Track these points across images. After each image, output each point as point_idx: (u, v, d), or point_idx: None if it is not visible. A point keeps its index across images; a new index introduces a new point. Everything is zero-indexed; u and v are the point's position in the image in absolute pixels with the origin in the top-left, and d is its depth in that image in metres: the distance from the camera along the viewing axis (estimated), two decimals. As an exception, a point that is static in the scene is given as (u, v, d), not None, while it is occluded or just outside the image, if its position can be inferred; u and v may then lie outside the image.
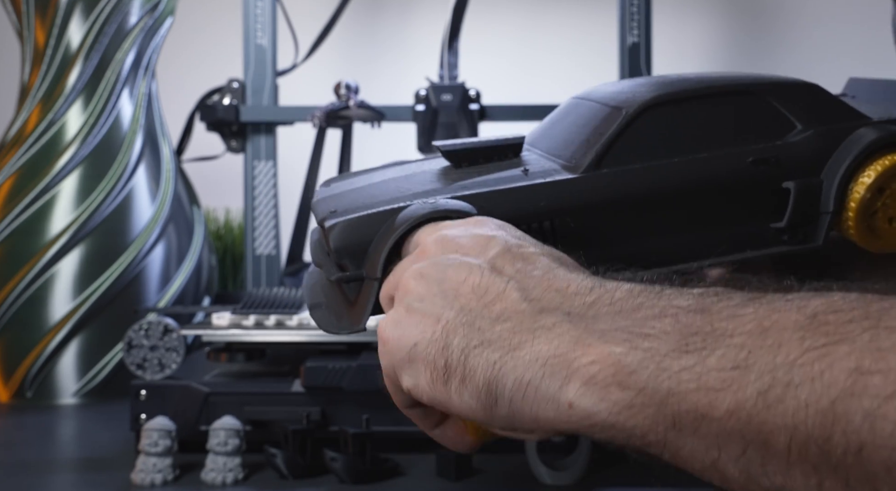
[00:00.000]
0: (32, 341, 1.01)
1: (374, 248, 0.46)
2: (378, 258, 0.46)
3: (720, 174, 0.50)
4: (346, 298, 0.48)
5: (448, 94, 1.21)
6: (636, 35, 1.27)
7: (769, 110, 0.52)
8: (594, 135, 0.51)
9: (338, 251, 0.47)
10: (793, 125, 0.52)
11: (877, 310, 0.33)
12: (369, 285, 0.46)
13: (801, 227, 0.52)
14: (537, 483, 0.70)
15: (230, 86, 1.26)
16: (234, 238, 1.42)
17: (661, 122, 0.51)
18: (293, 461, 0.71)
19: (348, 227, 0.47)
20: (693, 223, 0.51)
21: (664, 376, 0.35)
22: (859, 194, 0.51)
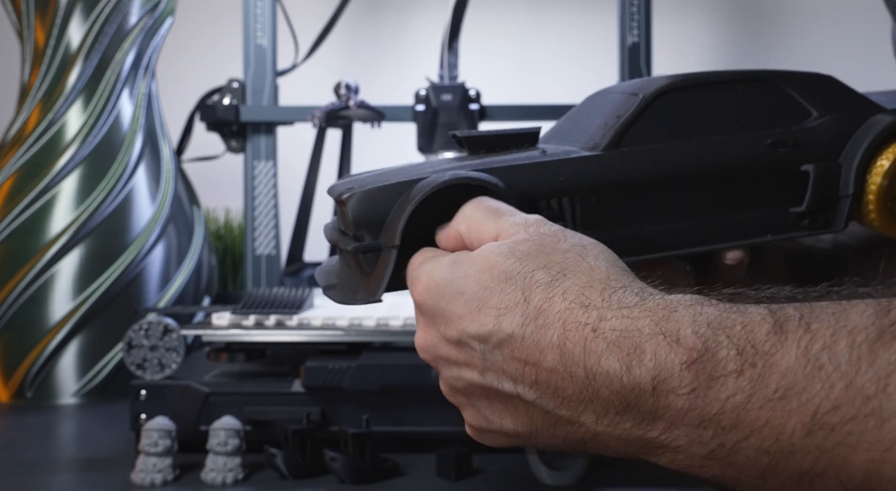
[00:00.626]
0: (32, 341, 1.01)
1: (393, 216, 0.46)
2: (396, 226, 0.46)
3: (739, 156, 0.51)
4: (361, 271, 0.48)
5: (448, 94, 1.21)
6: (636, 35, 1.27)
7: (784, 98, 0.53)
8: (612, 118, 0.51)
9: (356, 221, 0.47)
10: (808, 112, 0.53)
11: None
12: (387, 254, 0.46)
13: (821, 211, 0.52)
14: (537, 483, 0.70)
15: (230, 86, 1.26)
16: (234, 238, 1.42)
17: (678, 106, 0.51)
18: (293, 461, 0.71)
19: (366, 197, 0.47)
20: (712, 205, 0.51)
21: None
22: (879, 177, 0.52)
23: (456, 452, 0.71)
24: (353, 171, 1.31)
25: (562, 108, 1.23)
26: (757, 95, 0.52)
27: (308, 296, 0.90)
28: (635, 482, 0.70)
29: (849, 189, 0.52)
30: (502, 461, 0.74)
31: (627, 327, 0.39)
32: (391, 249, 0.46)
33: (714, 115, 0.51)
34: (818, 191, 0.51)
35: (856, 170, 0.51)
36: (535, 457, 0.70)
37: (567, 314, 0.40)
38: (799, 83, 0.53)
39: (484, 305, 0.42)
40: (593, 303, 0.40)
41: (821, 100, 0.53)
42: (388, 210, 0.47)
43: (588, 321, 0.40)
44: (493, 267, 0.42)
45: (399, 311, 0.86)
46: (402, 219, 0.46)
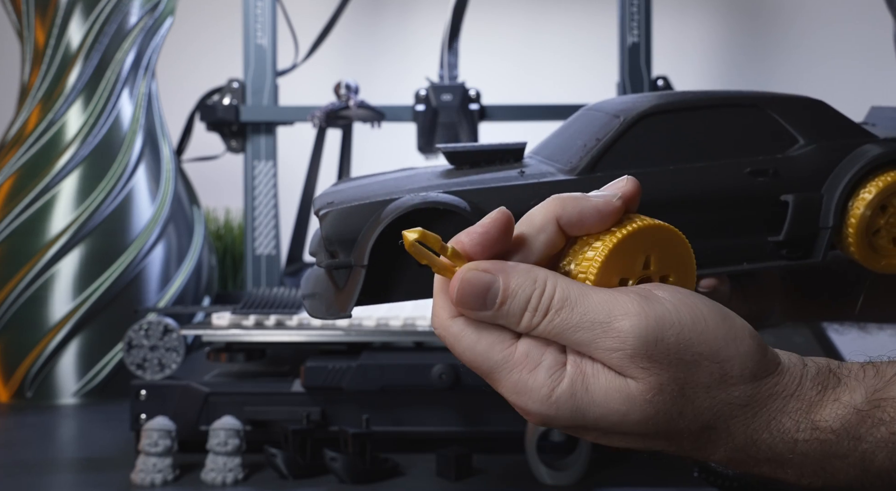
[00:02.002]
0: (32, 341, 1.01)
1: (363, 236, 0.47)
2: (365, 246, 0.47)
3: (716, 184, 0.50)
4: (335, 285, 0.49)
5: (448, 94, 1.21)
6: (636, 35, 1.27)
7: (771, 124, 0.52)
8: (591, 140, 0.51)
9: (328, 238, 0.49)
10: (795, 139, 0.52)
11: None
12: (357, 272, 0.47)
13: (800, 241, 0.51)
14: (537, 483, 0.70)
15: (230, 86, 1.26)
16: (234, 238, 1.42)
17: (658, 130, 0.51)
18: (293, 461, 0.71)
19: (339, 216, 0.48)
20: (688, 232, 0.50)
21: None
22: (859, 210, 0.50)
23: (456, 452, 0.71)
24: (353, 172, 1.31)
25: (562, 108, 1.23)
26: (742, 121, 0.52)
27: (308, 296, 0.90)
28: (635, 482, 0.70)
29: (829, 221, 0.51)
30: (502, 461, 0.74)
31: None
32: (360, 268, 0.47)
33: (695, 141, 0.51)
34: (797, 221, 0.51)
35: (836, 202, 0.50)
36: (535, 457, 0.70)
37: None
38: (787, 108, 0.52)
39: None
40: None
41: (809, 126, 0.52)
42: (360, 229, 0.48)
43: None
44: (625, 418, 0.40)
45: (399, 311, 0.86)
46: (370, 240, 0.47)
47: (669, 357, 0.39)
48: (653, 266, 0.41)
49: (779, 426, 0.41)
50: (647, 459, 0.75)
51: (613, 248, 0.40)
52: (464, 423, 0.76)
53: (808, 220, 0.51)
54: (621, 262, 0.40)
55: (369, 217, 0.48)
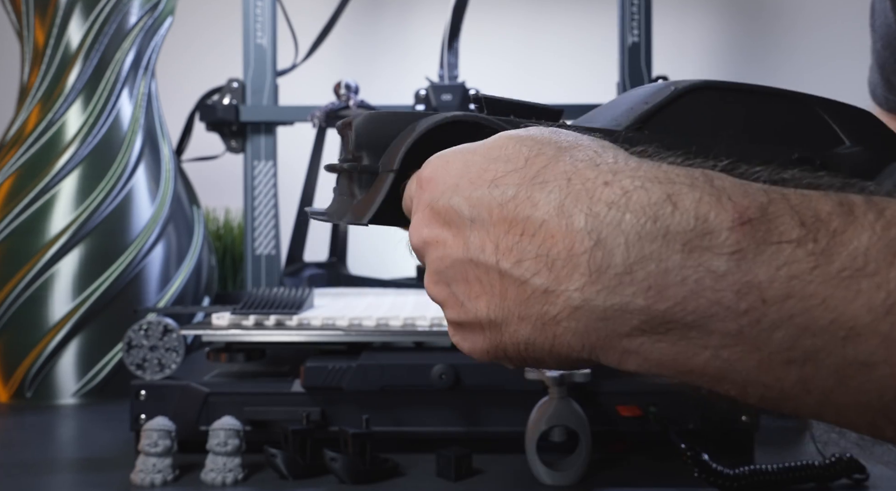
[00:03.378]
0: (32, 341, 1.01)
1: (397, 142, 0.46)
2: (398, 151, 0.45)
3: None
4: (353, 196, 0.48)
5: (448, 94, 1.21)
6: (636, 35, 1.27)
7: (819, 121, 0.51)
8: (640, 103, 0.50)
9: (359, 140, 0.47)
10: (841, 141, 0.51)
11: None
12: (383, 178, 0.46)
13: None
14: (537, 483, 0.70)
15: (230, 86, 1.26)
16: (234, 238, 1.42)
17: (709, 105, 0.50)
18: (293, 461, 0.71)
19: (374, 118, 0.47)
20: None
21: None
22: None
23: (456, 452, 0.71)
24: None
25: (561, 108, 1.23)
26: (791, 113, 0.51)
27: (308, 296, 0.90)
28: (635, 483, 0.69)
29: None
30: (502, 461, 0.74)
31: (656, 180, 0.34)
32: (389, 173, 0.46)
33: (744, 121, 0.50)
34: None
35: None
36: (535, 457, 0.70)
37: (573, 172, 0.36)
38: (835, 111, 0.52)
39: (482, 174, 0.39)
40: (606, 163, 0.36)
41: (856, 131, 0.51)
42: (393, 135, 0.47)
43: (599, 177, 0.35)
44: (504, 146, 0.40)
45: (399, 311, 0.86)
46: (405, 145, 0.45)
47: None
48: None
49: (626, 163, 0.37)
50: (647, 460, 0.75)
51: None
52: (464, 423, 0.76)
53: None
54: None
55: (404, 125, 0.47)
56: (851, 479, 0.69)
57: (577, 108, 1.23)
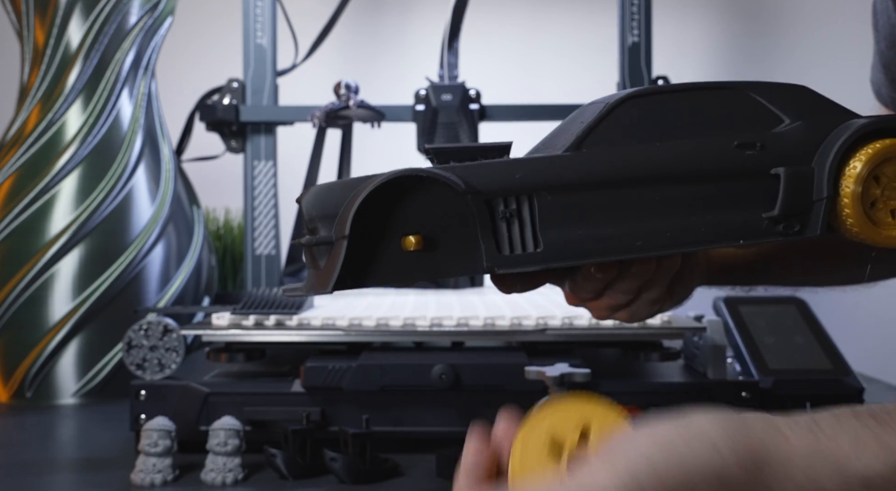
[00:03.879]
0: (32, 341, 1.01)
1: (345, 207, 0.47)
2: (346, 217, 0.46)
3: (704, 158, 0.50)
4: (316, 267, 0.49)
5: (448, 94, 1.21)
6: (636, 35, 1.27)
7: (754, 105, 0.52)
8: (577, 125, 0.51)
9: (309, 214, 0.48)
10: (780, 119, 0.52)
11: None
12: (339, 245, 0.46)
13: (795, 216, 0.51)
14: (537, 483, 0.69)
15: (230, 86, 1.26)
16: (234, 238, 1.42)
17: (642, 111, 0.51)
18: (293, 461, 0.71)
19: (319, 191, 0.49)
20: (678, 207, 0.50)
21: None
22: (852, 180, 0.50)
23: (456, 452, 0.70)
24: (352, 172, 1.31)
25: (562, 108, 1.23)
26: (726, 102, 0.52)
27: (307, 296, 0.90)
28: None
29: (822, 192, 0.50)
30: (502, 461, 0.74)
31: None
32: (342, 240, 0.46)
33: (680, 120, 0.51)
34: (790, 194, 0.50)
35: (828, 171, 0.50)
36: (535, 457, 0.70)
37: None
38: (770, 92, 0.52)
39: None
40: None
41: (793, 107, 0.52)
42: (341, 204, 0.47)
43: None
44: None
45: (399, 311, 0.86)
46: (352, 209, 0.46)
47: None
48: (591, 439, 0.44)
49: (817, 485, 0.39)
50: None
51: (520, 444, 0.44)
52: (464, 423, 0.75)
53: (802, 193, 0.51)
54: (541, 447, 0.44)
55: (350, 192, 0.47)
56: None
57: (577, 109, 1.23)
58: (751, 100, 0.52)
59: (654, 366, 0.84)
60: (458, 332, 0.79)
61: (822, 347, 0.86)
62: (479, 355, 0.77)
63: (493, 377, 0.75)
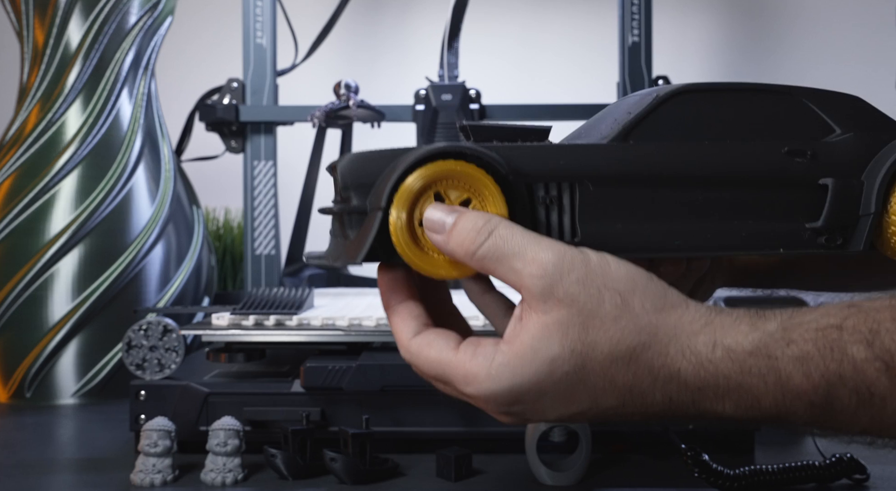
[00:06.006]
0: (32, 341, 1.01)
1: (382, 179, 0.46)
2: (384, 188, 0.45)
3: (751, 161, 0.49)
4: (345, 237, 0.48)
5: (448, 94, 1.21)
6: (636, 35, 1.27)
7: (807, 112, 0.51)
8: (623, 115, 0.50)
9: (345, 181, 0.47)
10: (832, 129, 0.51)
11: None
12: (373, 216, 0.46)
13: (839, 229, 0.50)
14: (537, 483, 0.70)
15: (230, 86, 1.26)
16: (234, 238, 1.42)
17: (693, 108, 0.50)
18: (293, 461, 0.71)
19: (358, 159, 0.48)
20: (720, 210, 0.49)
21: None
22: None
23: (456, 452, 0.70)
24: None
25: (562, 108, 1.24)
26: (777, 106, 0.51)
27: (308, 296, 0.90)
28: (635, 483, 0.69)
29: (870, 207, 0.49)
30: (502, 461, 0.74)
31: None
32: (377, 211, 0.46)
33: (730, 121, 0.50)
34: (837, 207, 0.49)
35: (878, 187, 0.49)
36: (535, 457, 0.70)
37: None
38: (823, 99, 0.51)
39: (572, 398, 0.45)
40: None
41: (845, 118, 0.51)
42: (378, 173, 0.47)
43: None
44: (556, 372, 0.45)
45: (399, 311, 0.86)
46: (391, 180, 0.45)
47: (576, 289, 0.44)
48: (447, 200, 0.46)
49: (694, 351, 0.44)
50: (647, 460, 0.75)
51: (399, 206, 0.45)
52: (464, 423, 0.76)
53: (849, 206, 0.49)
54: (415, 209, 0.46)
55: (389, 161, 0.46)
56: (851, 479, 0.69)
57: (577, 109, 1.23)
58: (803, 106, 0.51)
59: (655, 366, 0.83)
60: (458, 332, 0.79)
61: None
62: (479, 355, 0.77)
63: (493, 377, 0.75)
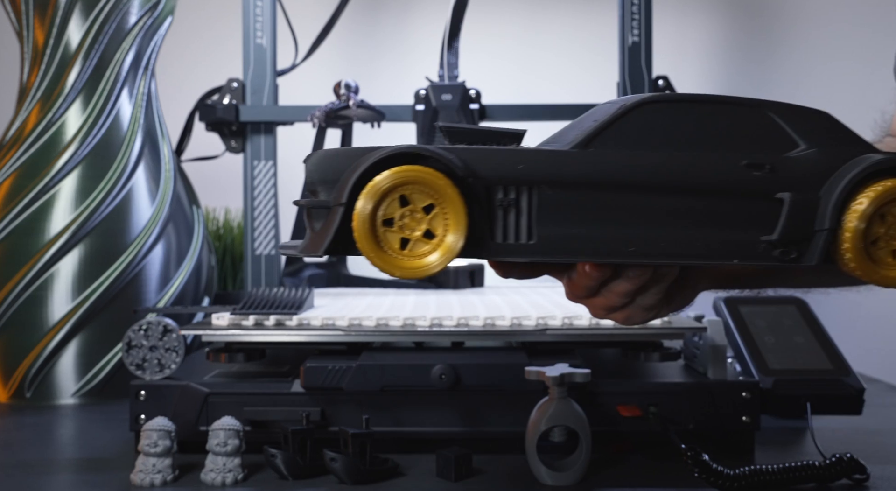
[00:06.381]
0: (32, 341, 1.01)
1: (346, 175, 0.48)
2: (346, 185, 0.47)
3: (709, 172, 0.50)
4: (312, 229, 0.50)
5: (448, 94, 1.21)
6: (636, 35, 1.27)
7: (772, 125, 0.51)
8: (590, 122, 0.51)
9: (310, 177, 0.50)
10: (796, 143, 0.51)
11: None
12: (335, 212, 0.47)
13: (794, 243, 0.50)
14: (537, 483, 0.70)
15: (230, 86, 1.26)
16: (234, 238, 1.42)
17: (657, 118, 0.51)
18: (293, 462, 0.71)
19: (323, 156, 0.50)
20: (676, 219, 0.50)
21: None
22: (856, 217, 0.49)
23: (456, 452, 0.70)
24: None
25: (562, 108, 1.24)
26: (743, 119, 0.51)
27: (308, 296, 0.90)
28: (635, 483, 0.69)
29: (825, 223, 0.50)
30: (502, 461, 0.74)
31: None
32: (339, 207, 0.47)
33: (693, 131, 0.51)
34: (792, 221, 0.50)
35: (833, 204, 0.49)
36: (535, 457, 0.70)
37: None
38: (790, 114, 0.52)
39: None
40: None
41: (812, 133, 0.51)
42: (342, 171, 0.48)
43: None
44: None
45: (399, 311, 0.86)
46: (352, 178, 0.47)
47: None
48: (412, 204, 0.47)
49: None
50: (647, 460, 0.75)
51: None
52: (464, 423, 0.76)
53: (804, 221, 0.50)
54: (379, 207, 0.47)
55: (354, 160, 0.48)
56: (851, 479, 0.69)
57: (577, 108, 1.23)
58: (770, 120, 0.52)
59: (654, 366, 0.83)
60: (458, 332, 0.79)
61: (823, 347, 0.86)
62: (479, 355, 0.77)
63: (493, 377, 0.75)
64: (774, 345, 0.87)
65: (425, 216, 0.47)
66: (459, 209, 0.47)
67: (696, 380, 0.77)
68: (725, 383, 0.76)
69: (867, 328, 1.50)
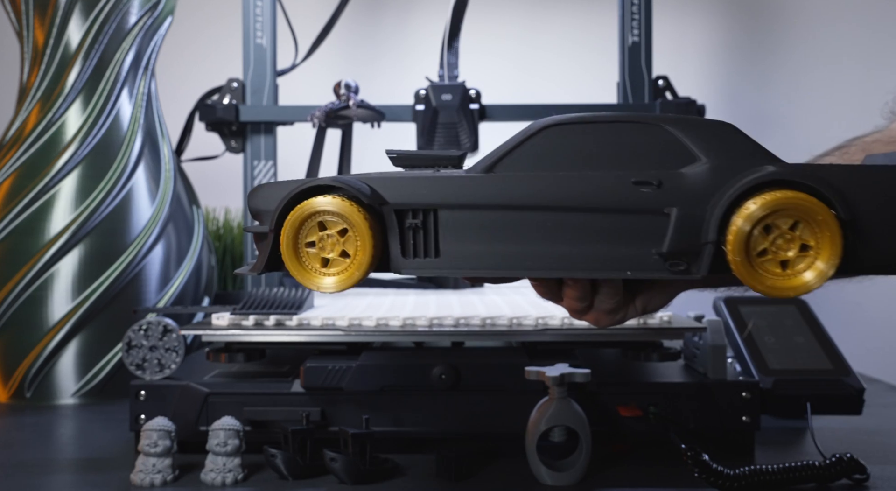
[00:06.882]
0: (32, 341, 1.01)
1: (275, 206, 0.54)
2: (274, 214, 0.54)
3: (599, 190, 0.53)
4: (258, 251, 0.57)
5: (448, 94, 1.21)
6: (636, 35, 1.27)
7: (671, 141, 0.53)
8: (500, 148, 0.55)
9: (254, 207, 0.57)
10: (696, 157, 0.53)
11: None
12: (269, 237, 0.55)
13: (682, 255, 0.52)
14: (537, 483, 0.70)
15: (230, 86, 1.26)
16: (234, 238, 1.42)
17: (560, 140, 0.54)
18: (293, 462, 0.71)
19: (258, 191, 0.57)
20: (570, 235, 0.53)
21: None
22: (740, 220, 0.50)
23: (456, 452, 0.70)
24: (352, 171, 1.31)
25: (562, 108, 1.23)
26: (640, 137, 0.54)
27: (308, 296, 0.90)
28: (635, 483, 0.69)
29: (709, 235, 0.51)
30: (502, 461, 0.74)
31: None
32: (270, 233, 0.55)
33: (591, 152, 0.54)
34: (678, 234, 0.52)
35: (718, 216, 0.51)
36: (535, 457, 0.70)
37: None
38: (692, 128, 0.54)
39: None
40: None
41: (713, 147, 0.53)
42: (273, 202, 0.55)
43: None
44: None
45: (399, 311, 0.86)
46: (277, 209, 0.54)
47: None
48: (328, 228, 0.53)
49: None
50: (647, 460, 0.75)
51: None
52: (464, 423, 0.76)
53: (690, 234, 0.52)
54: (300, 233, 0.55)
55: (283, 192, 0.54)
56: (851, 479, 0.69)
57: (577, 109, 1.23)
58: (669, 136, 0.54)
59: (654, 366, 0.83)
60: (458, 332, 0.79)
61: (823, 347, 0.86)
62: (479, 355, 0.77)
63: (493, 377, 0.75)
64: (774, 345, 0.87)
65: (340, 239, 0.53)
66: (366, 232, 0.53)
67: (696, 380, 0.77)
68: (725, 383, 0.76)
69: (867, 328, 1.50)
